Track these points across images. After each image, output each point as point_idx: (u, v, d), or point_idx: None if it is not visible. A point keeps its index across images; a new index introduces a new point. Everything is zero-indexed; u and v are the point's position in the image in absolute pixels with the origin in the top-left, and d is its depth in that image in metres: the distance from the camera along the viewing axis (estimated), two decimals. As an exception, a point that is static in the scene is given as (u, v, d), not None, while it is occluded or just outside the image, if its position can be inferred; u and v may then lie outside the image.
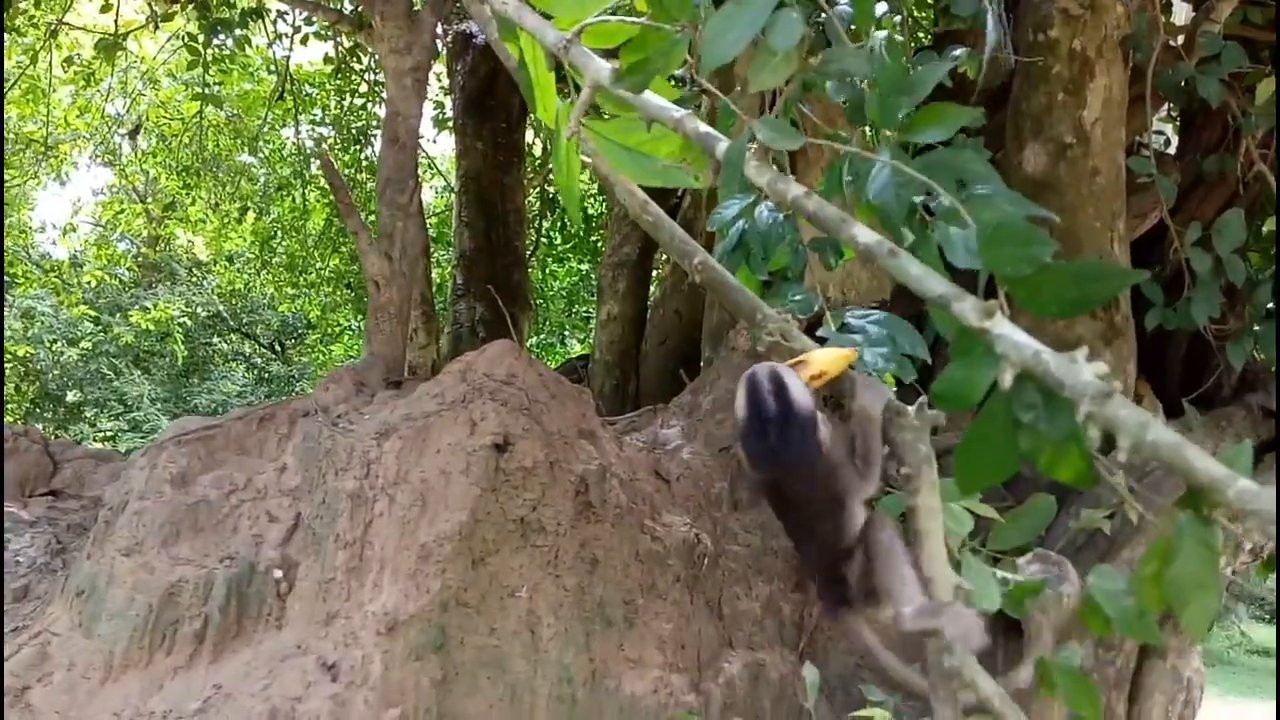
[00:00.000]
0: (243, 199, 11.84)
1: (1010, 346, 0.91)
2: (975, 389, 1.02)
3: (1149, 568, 0.99)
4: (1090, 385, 0.84)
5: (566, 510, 2.80)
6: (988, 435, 1.04)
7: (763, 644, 3.30)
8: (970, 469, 1.09)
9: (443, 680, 2.48)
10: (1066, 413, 0.93)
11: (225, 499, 2.81)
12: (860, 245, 1.11)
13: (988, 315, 0.95)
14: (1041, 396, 0.94)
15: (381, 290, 3.40)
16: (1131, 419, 0.82)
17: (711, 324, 4.67)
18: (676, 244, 1.80)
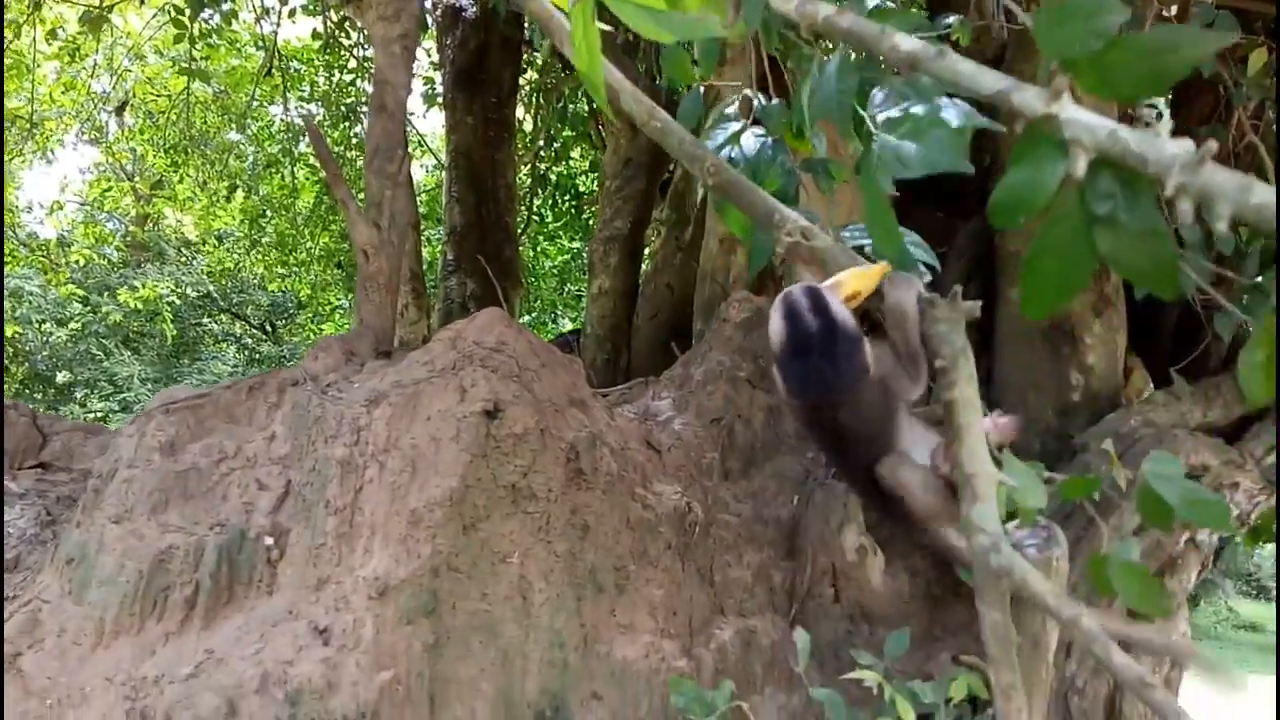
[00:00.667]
0: (231, 177, 11.74)
1: (1083, 129, 0.84)
2: (1043, 189, 0.92)
3: (1257, 354, 0.91)
4: (1178, 155, 0.78)
5: (557, 477, 2.80)
6: (1060, 240, 0.94)
7: (754, 611, 3.31)
8: (1041, 282, 0.99)
9: (434, 644, 2.49)
10: (1148, 197, 0.85)
11: (215, 467, 2.80)
12: (904, 53, 1.03)
13: (1054, 98, 0.86)
14: (1119, 185, 0.87)
15: (370, 260, 3.38)
16: (1230, 183, 0.75)
17: (703, 297, 4.66)
18: (687, 149, 1.77)
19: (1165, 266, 0.98)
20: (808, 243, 1.75)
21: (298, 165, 11.49)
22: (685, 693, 2.57)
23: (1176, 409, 3.56)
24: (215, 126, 11.52)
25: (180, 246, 15.76)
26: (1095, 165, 0.91)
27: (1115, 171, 0.93)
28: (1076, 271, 1.04)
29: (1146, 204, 0.93)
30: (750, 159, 2.21)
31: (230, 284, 15.09)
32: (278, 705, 2.25)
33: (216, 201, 12.23)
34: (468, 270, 6.68)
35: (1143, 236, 0.93)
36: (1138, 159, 0.85)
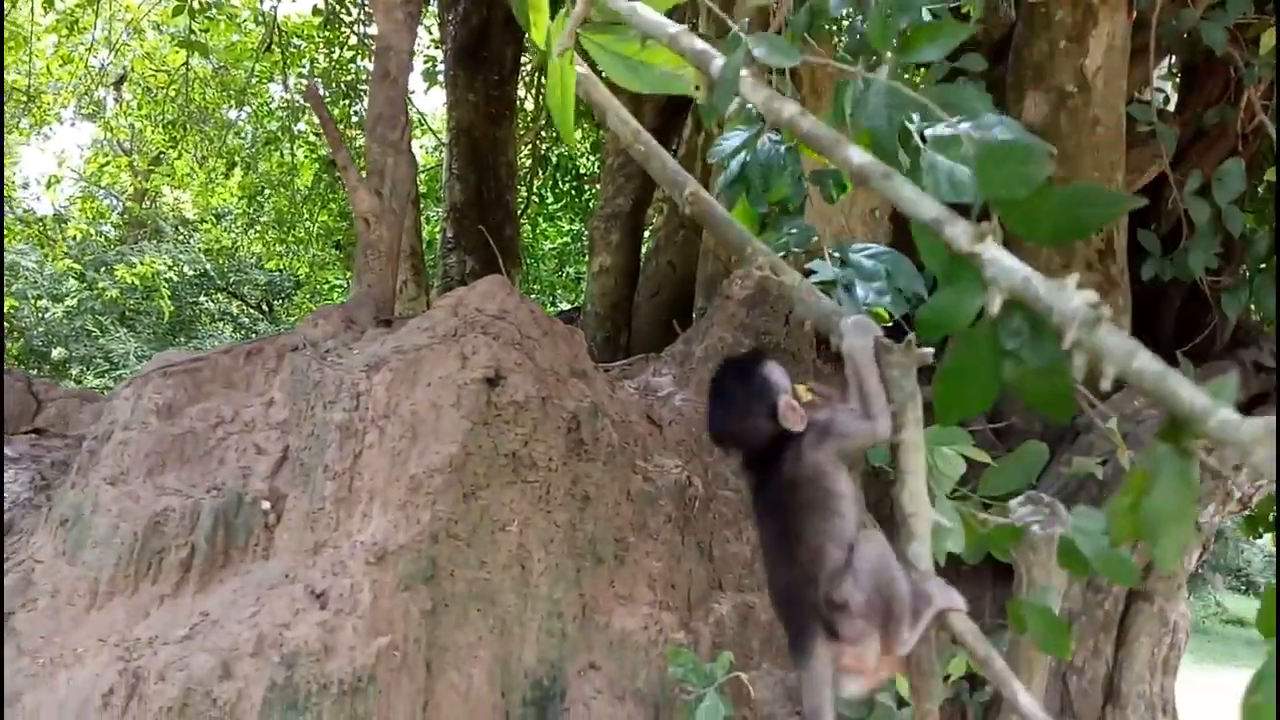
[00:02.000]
0: (229, 154, 11.66)
1: (1001, 271, 0.91)
2: (962, 315, 1.01)
3: (1125, 500, 0.99)
4: (1079, 311, 0.84)
5: (558, 446, 2.78)
6: (971, 363, 1.03)
7: (752, 587, 3.29)
8: (951, 397, 1.08)
9: (432, 611, 2.47)
10: (1051, 341, 0.93)
11: (212, 431, 2.77)
12: (854, 167, 1.11)
13: (979, 239, 0.94)
14: (1028, 324, 0.94)
15: (371, 227, 3.34)
16: (1118, 346, 0.82)
17: (705, 274, 4.62)
18: (669, 174, 1.76)
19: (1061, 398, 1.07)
20: (776, 278, 1.74)
21: (296, 143, 11.41)
22: (684, 663, 2.55)
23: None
24: (214, 103, 11.43)
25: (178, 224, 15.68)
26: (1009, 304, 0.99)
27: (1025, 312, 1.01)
28: (982, 392, 1.14)
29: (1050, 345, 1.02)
30: (762, 164, 2.19)
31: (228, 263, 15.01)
32: (273, 667, 2.22)
33: (215, 178, 12.13)
34: (467, 247, 6.63)
35: (1043, 372, 1.02)
36: (1044, 307, 0.94)
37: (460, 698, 2.46)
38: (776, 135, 1.97)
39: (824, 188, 2.12)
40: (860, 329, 1.36)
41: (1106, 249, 3.90)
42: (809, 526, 1.25)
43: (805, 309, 1.64)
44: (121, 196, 14.91)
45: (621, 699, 2.68)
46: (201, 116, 11.44)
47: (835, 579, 1.20)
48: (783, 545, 1.28)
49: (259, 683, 2.21)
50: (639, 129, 2.01)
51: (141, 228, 15.25)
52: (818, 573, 1.21)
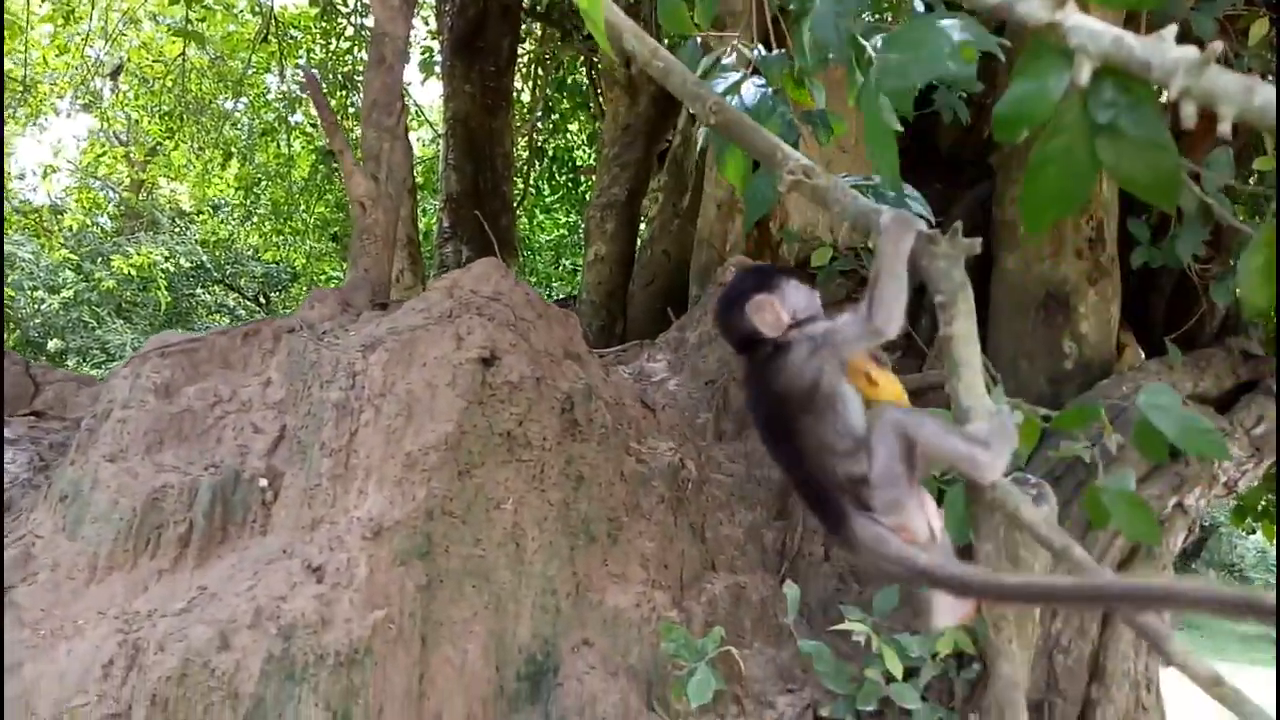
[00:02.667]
0: (226, 145, 11.65)
1: (1087, 35, 0.83)
2: (1046, 99, 0.91)
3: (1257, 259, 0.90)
4: (1182, 59, 0.77)
5: (552, 426, 2.81)
6: (1062, 149, 0.93)
7: (744, 568, 3.34)
8: (1042, 193, 0.98)
9: (427, 586, 2.50)
10: (1151, 106, 0.84)
11: (209, 410, 2.80)
12: None
13: (1059, 5, 0.85)
14: (1123, 91, 0.86)
15: (367, 212, 3.37)
16: (1234, 84, 0.75)
17: (700, 262, 4.66)
18: (689, 87, 1.77)
19: (1167, 177, 0.99)
20: (809, 181, 1.75)
21: (293, 134, 11.41)
22: (676, 639, 2.59)
23: (1169, 377, 3.58)
24: (211, 93, 11.42)
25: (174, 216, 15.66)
26: (1099, 74, 0.92)
27: (1118, 80, 0.93)
28: (1078, 182, 1.04)
29: (1149, 113, 0.93)
30: (750, 109, 2.21)
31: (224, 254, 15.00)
32: (270, 639, 2.26)
33: (211, 169, 12.13)
34: (463, 237, 6.66)
35: (1144, 146, 0.93)
36: (1142, 64, 0.85)
37: (455, 671, 2.50)
38: (762, 80, 1.99)
39: (815, 128, 2.15)
40: (900, 224, 1.34)
41: (1096, 237, 3.94)
42: (807, 428, 1.27)
43: (842, 210, 1.64)
44: (118, 188, 14.89)
45: (614, 675, 2.72)
46: (198, 107, 11.42)
47: (848, 458, 1.24)
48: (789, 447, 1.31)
49: (256, 654, 2.24)
50: (656, 46, 2.02)
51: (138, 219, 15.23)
52: (829, 461, 1.24)
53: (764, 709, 2.98)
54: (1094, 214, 3.90)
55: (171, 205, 15.86)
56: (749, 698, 3.04)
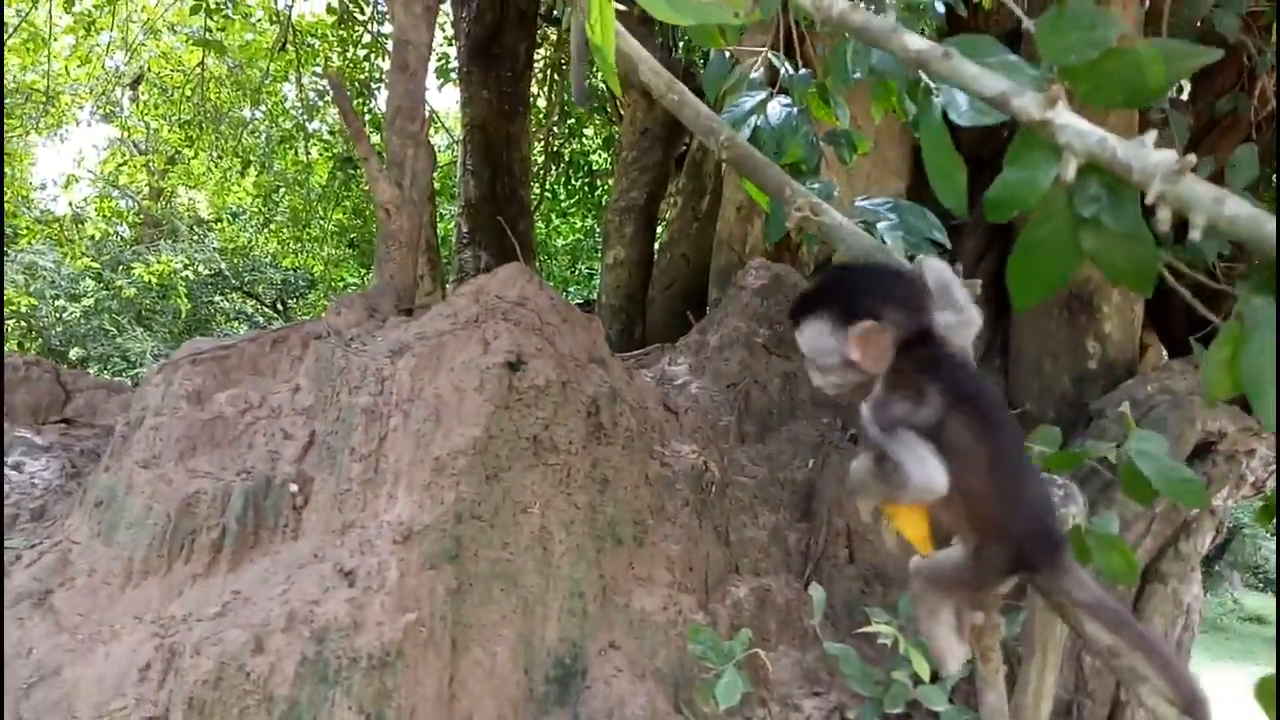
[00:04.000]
0: (245, 153, 11.76)
1: (1074, 135, 0.87)
2: (1035, 188, 0.97)
3: (1222, 352, 0.95)
4: (1161, 164, 0.81)
5: (578, 430, 2.83)
6: (1048, 235, 0.99)
7: (769, 570, 3.34)
8: (1027, 276, 1.03)
9: (457, 589, 2.52)
10: (1131, 202, 0.89)
11: (240, 416, 2.84)
12: (912, 52, 1.06)
13: (1050, 105, 0.90)
14: (1106, 188, 0.91)
15: (392, 218, 3.40)
16: (1206, 194, 0.79)
17: (720, 265, 4.67)
18: (702, 122, 1.79)
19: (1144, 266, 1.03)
20: (815, 218, 1.77)
21: (311, 141, 11.50)
22: (703, 641, 2.60)
23: (1193, 377, 3.56)
24: (229, 102, 11.54)
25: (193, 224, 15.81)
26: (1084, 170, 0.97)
27: (1102, 176, 0.98)
28: (1061, 267, 1.09)
29: (1129, 208, 0.97)
30: (775, 128, 2.23)
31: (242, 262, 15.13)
32: (304, 642, 2.28)
33: (230, 178, 12.24)
34: (482, 242, 6.70)
35: (1124, 238, 0.99)
36: (1123, 167, 0.89)
37: (485, 674, 2.51)
38: (787, 99, 2.01)
39: (838, 149, 2.16)
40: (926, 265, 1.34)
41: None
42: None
43: (848, 248, 1.67)
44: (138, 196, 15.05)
45: (641, 677, 2.73)
46: (217, 116, 11.54)
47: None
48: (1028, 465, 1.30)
49: (290, 657, 2.27)
50: (671, 79, 2.04)
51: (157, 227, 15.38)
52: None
53: (790, 711, 2.99)
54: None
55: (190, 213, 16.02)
56: (775, 700, 3.04)
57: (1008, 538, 1.20)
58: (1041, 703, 2.79)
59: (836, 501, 3.48)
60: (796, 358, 4.10)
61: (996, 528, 1.19)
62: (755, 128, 2.13)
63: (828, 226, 1.80)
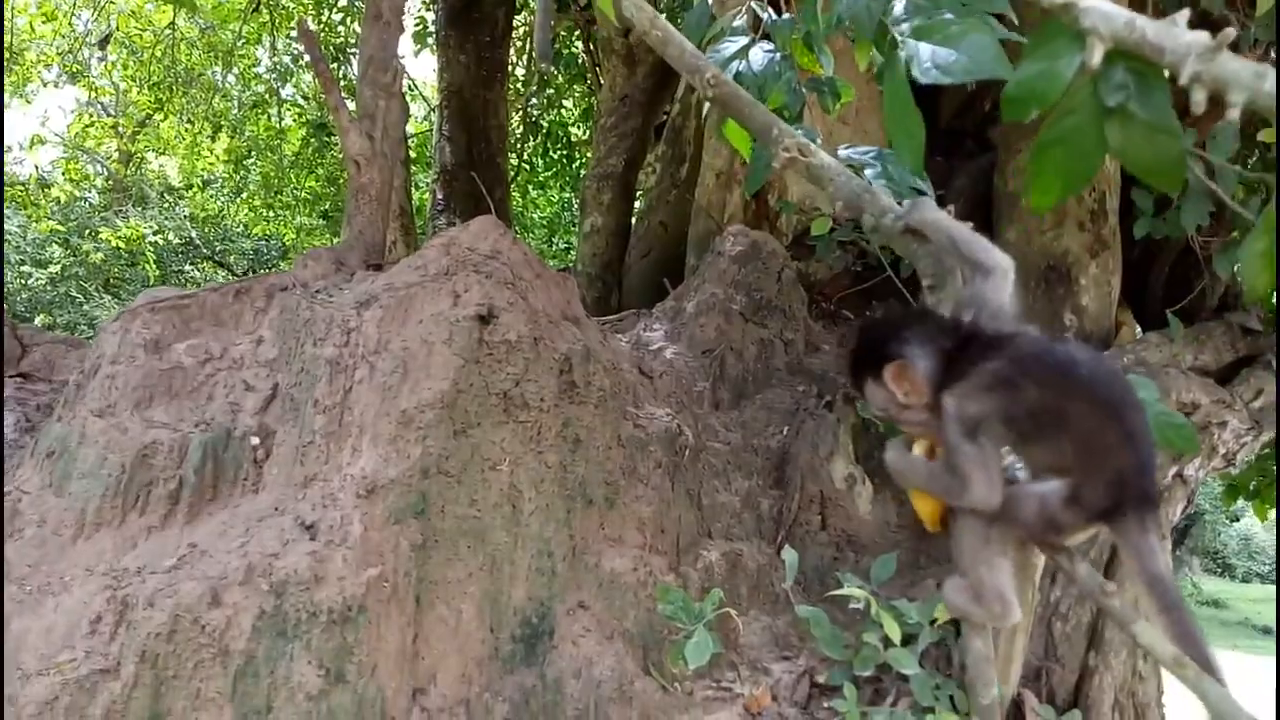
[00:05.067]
0: (216, 117, 11.51)
1: (1100, 18, 0.83)
2: (1058, 80, 0.92)
3: (1259, 243, 0.92)
4: (1195, 43, 0.77)
5: (550, 387, 2.77)
6: (1070, 130, 0.94)
7: (741, 536, 3.31)
8: (1049, 172, 0.99)
9: (422, 545, 2.46)
10: (1161, 90, 0.84)
11: (200, 367, 2.75)
12: None
13: None
14: (1134, 75, 0.86)
15: (362, 170, 3.30)
16: (1245, 71, 0.75)
17: (698, 232, 4.61)
18: (687, 59, 1.73)
19: (1173, 161, 0.99)
20: (804, 159, 1.71)
21: (284, 107, 11.28)
22: (673, 601, 2.56)
23: (1169, 350, 3.56)
24: (201, 64, 11.27)
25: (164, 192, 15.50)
26: (1110, 57, 0.91)
27: (1129, 63, 0.93)
28: (1085, 163, 1.04)
29: (1159, 97, 0.92)
30: (757, 74, 2.17)
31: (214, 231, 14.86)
32: (262, 595, 2.21)
33: (201, 142, 11.98)
34: (457, 209, 6.59)
35: (1153, 130, 0.94)
36: (1155, 48, 0.84)
37: (450, 631, 2.46)
38: (770, 45, 1.95)
39: (821, 96, 2.11)
40: (925, 203, 1.37)
41: (1099, 209, 3.91)
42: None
43: (836, 189, 1.62)
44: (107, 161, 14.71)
45: (610, 638, 2.69)
46: (188, 78, 11.28)
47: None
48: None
49: (248, 610, 2.20)
50: (655, 15, 1.97)
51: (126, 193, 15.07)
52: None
53: (759, 675, 2.96)
54: (1097, 186, 3.87)
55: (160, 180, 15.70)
56: (744, 664, 3.02)
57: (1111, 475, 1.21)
58: (1011, 667, 2.78)
59: (810, 468, 3.46)
60: (772, 326, 4.06)
61: (1101, 463, 1.21)
62: (738, 73, 2.07)
63: (816, 167, 1.75)
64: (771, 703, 2.89)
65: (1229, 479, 5.29)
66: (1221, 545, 24.23)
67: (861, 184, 1.72)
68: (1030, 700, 2.83)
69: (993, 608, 1.32)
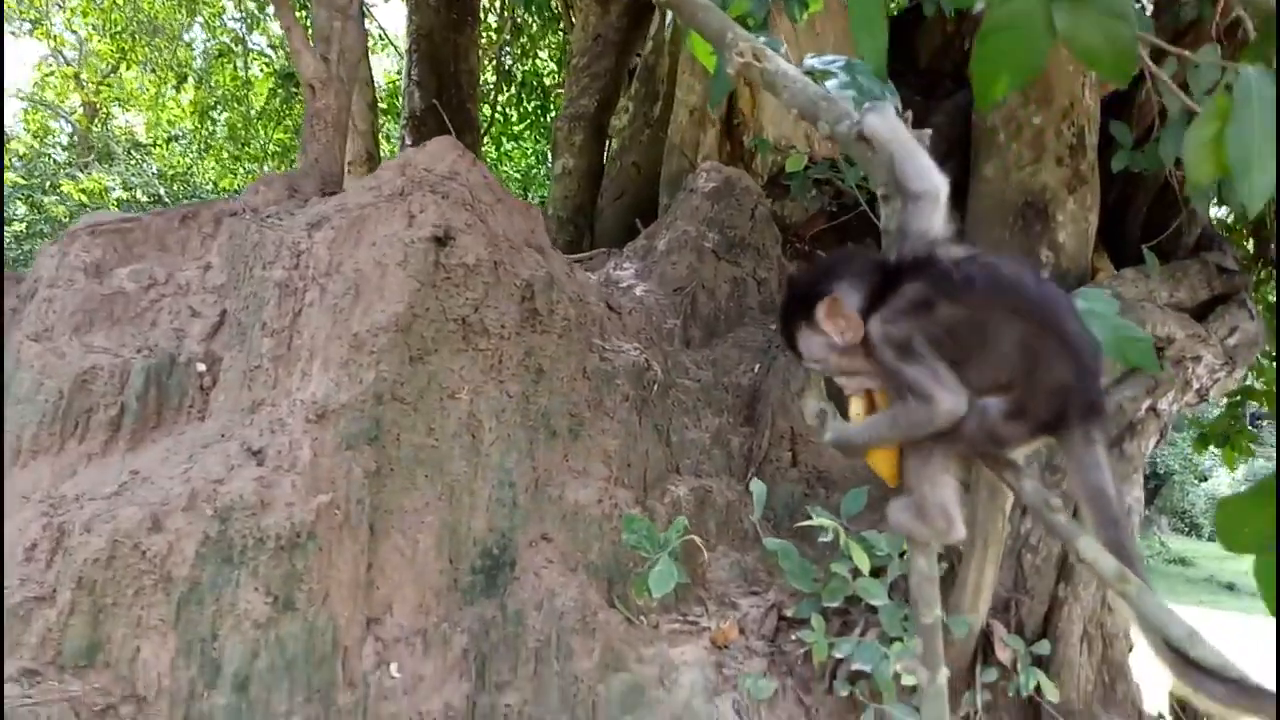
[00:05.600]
0: (180, 67, 11.17)
1: None
2: None
3: (1205, 130, 0.86)
4: None
5: (511, 314, 2.67)
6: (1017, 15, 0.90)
7: (710, 472, 3.25)
8: (995, 62, 0.93)
9: (376, 473, 2.37)
10: None
11: (144, 292, 2.63)
12: None
13: None
14: None
15: (318, 95, 3.16)
16: None
17: (670, 170, 4.50)
18: None
19: (1124, 49, 0.92)
20: (759, 64, 1.62)
21: (251, 57, 10.96)
22: (637, 530, 2.49)
23: (1145, 285, 3.51)
24: (164, 11, 10.90)
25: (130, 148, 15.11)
26: None
27: None
28: (1032, 50, 0.97)
29: None
30: None
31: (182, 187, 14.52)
32: (206, 521, 2.12)
33: (165, 93, 11.63)
34: (427, 155, 6.41)
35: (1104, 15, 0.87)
36: None
37: (405, 561, 2.39)
38: None
39: (787, 5, 2.01)
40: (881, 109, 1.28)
41: (1077, 144, 3.83)
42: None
43: (791, 96, 1.54)
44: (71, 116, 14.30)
45: (574, 570, 2.63)
46: (151, 26, 10.92)
47: None
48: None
49: (191, 536, 2.11)
50: None
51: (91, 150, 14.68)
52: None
53: (727, 609, 2.92)
54: (1075, 120, 3.79)
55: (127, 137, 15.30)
56: (712, 599, 2.97)
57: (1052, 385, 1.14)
58: (980, 599, 2.75)
59: (780, 405, 3.39)
60: (745, 264, 3.97)
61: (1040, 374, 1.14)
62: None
63: (771, 74, 1.65)
64: (739, 636, 2.85)
65: (1200, 426, 5.30)
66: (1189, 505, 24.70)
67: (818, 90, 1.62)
68: (999, 631, 2.80)
69: (936, 524, 1.25)
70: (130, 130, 15.32)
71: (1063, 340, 1.16)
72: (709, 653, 2.73)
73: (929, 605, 1.55)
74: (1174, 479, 23.39)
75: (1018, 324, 1.14)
